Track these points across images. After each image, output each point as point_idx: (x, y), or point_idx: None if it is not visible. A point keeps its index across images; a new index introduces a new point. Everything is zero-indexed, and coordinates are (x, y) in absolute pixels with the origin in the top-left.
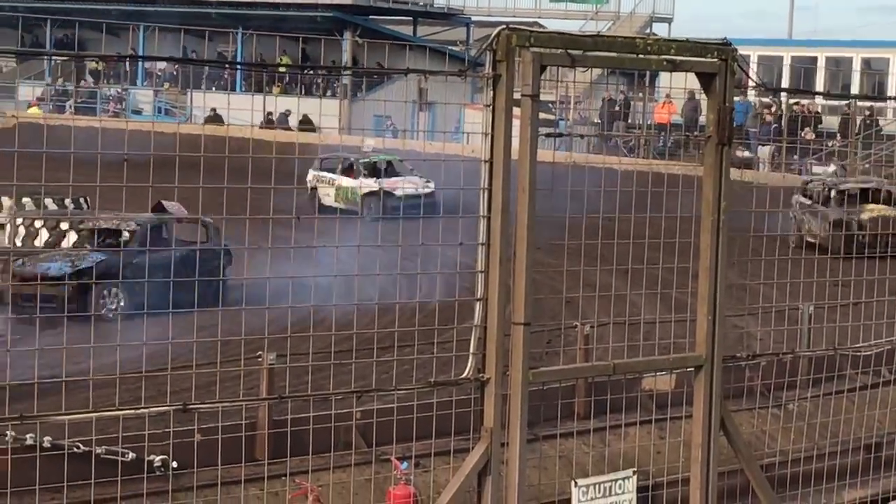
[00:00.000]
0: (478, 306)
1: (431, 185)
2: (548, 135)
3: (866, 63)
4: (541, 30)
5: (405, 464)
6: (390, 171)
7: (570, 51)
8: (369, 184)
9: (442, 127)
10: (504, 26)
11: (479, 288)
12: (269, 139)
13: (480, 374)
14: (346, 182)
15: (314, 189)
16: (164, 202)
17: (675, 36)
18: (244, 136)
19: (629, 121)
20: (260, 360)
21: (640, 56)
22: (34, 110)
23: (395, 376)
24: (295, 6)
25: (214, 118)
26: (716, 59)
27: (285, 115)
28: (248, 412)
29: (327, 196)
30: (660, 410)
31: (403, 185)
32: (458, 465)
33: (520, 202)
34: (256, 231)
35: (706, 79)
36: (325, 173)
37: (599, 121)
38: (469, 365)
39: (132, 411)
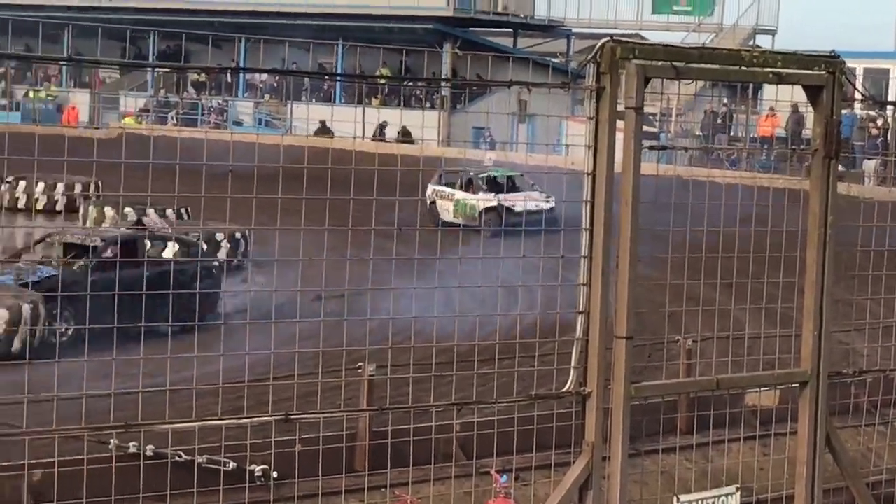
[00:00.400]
0: (579, 319)
1: (552, 200)
2: (651, 147)
3: None
4: (644, 42)
5: (505, 477)
6: (511, 186)
7: (674, 63)
8: (488, 199)
9: (542, 139)
10: (608, 38)
11: (581, 301)
12: (371, 151)
13: (582, 388)
14: (465, 197)
15: (433, 203)
16: (144, 218)
17: (779, 48)
18: (345, 148)
19: (731, 133)
20: (360, 371)
21: (746, 69)
22: (129, 120)
23: (495, 389)
24: (396, 18)
25: (323, 130)
26: (823, 72)
27: (382, 126)
28: (348, 423)
29: (446, 211)
30: (763, 426)
31: (523, 201)
32: (559, 479)
33: (623, 215)
34: (361, 244)
35: (813, 91)
36: (444, 188)
37: (701, 133)
38: (570, 378)
39: (235, 421)
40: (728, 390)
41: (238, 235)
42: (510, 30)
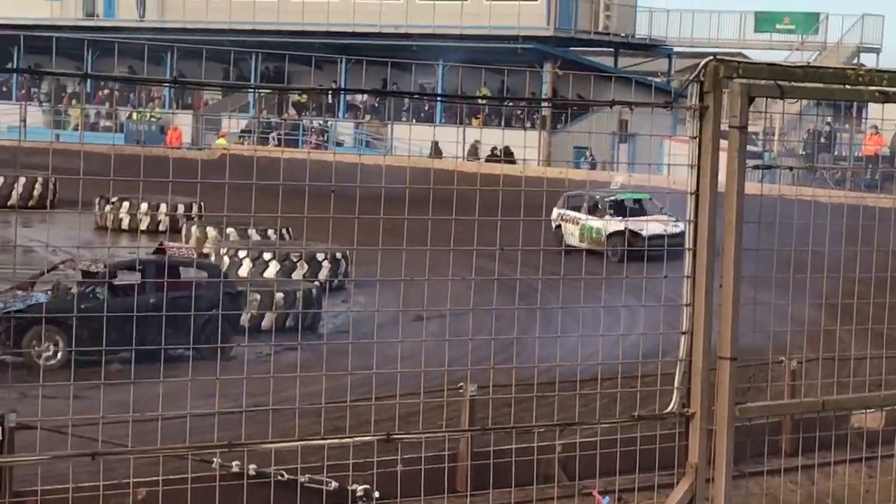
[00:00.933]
0: (682, 339)
1: (681, 225)
2: (755, 167)
3: None
4: (748, 60)
5: (606, 498)
6: (639, 210)
7: (779, 82)
8: (615, 223)
9: (643, 159)
10: (711, 57)
11: (684, 321)
12: (472, 171)
13: (685, 409)
14: (591, 221)
15: (559, 227)
16: (165, 243)
17: (883, 67)
18: (445, 168)
19: (835, 152)
20: (461, 391)
21: (851, 87)
22: (221, 141)
23: (598, 409)
24: (496, 38)
25: (436, 151)
26: None
27: (474, 146)
28: (449, 443)
29: (572, 236)
30: (869, 449)
31: (650, 225)
32: (661, 500)
33: (727, 235)
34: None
35: None
36: (569, 212)
37: (804, 152)
38: (674, 399)
39: (337, 440)
40: (834, 412)
41: (339, 255)
42: (611, 49)
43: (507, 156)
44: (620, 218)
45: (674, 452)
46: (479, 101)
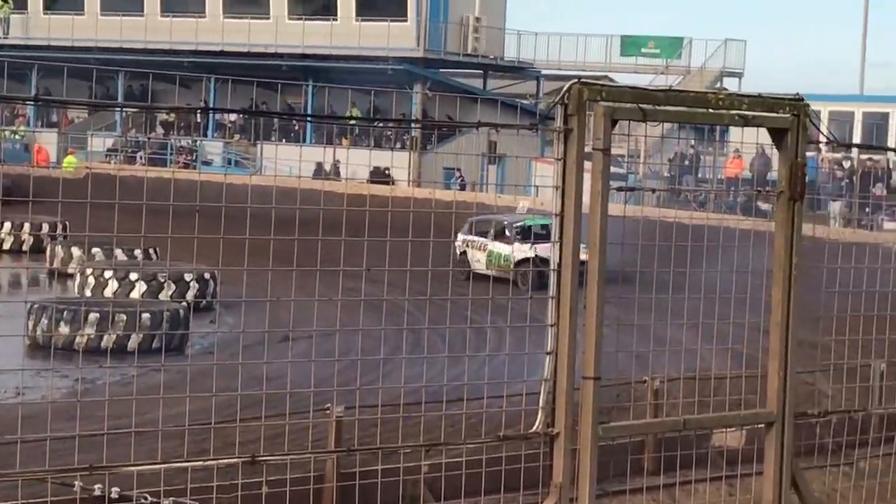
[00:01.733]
0: (547, 359)
1: None
2: (619, 189)
3: None
4: (612, 84)
5: None
6: (546, 235)
7: (641, 105)
8: (524, 250)
9: (511, 180)
10: (576, 80)
11: (549, 341)
12: (340, 191)
13: (550, 429)
14: (498, 247)
15: (464, 254)
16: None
17: (746, 91)
18: (315, 188)
19: (699, 175)
20: (328, 412)
21: (712, 111)
22: (71, 159)
23: (463, 429)
24: (366, 59)
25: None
26: (788, 115)
27: (335, 165)
28: (315, 465)
29: (478, 262)
30: (729, 467)
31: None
32: None
33: (590, 256)
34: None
35: (778, 134)
36: (475, 237)
37: (669, 174)
38: (538, 419)
39: (201, 463)
40: (695, 431)
41: (206, 276)
42: (480, 71)
43: (384, 177)
44: (530, 244)
45: (539, 472)
46: (350, 121)
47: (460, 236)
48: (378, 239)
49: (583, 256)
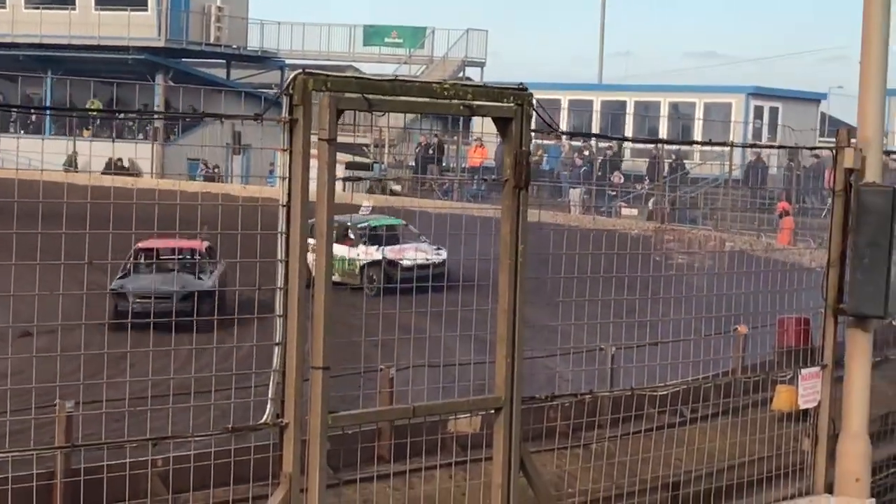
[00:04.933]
0: (276, 350)
1: (443, 253)
2: (345, 179)
3: (674, 107)
4: (339, 74)
5: None
6: (393, 237)
7: (367, 95)
8: (371, 253)
9: (257, 170)
10: (300, 70)
11: (278, 332)
12: (83, 184)
13: (279, 419)
14: (342, 251)
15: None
16: None
17: (485, 80)
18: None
19: (444, 164)
20: (56, 407)
21: (438, 101)
22: None
23: (191, 423)
24: (106, 49)
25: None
26: (512, 104)
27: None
28: (46, 462)
29: None
30: (465, 452)
31: (410, 254)
32: None
33: (318, 246)
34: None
35: (503, 123)
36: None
37: (413, 163)
38: (268, 410)
39: None
40: (425, 417)
41: None
42: (223, 60)
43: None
44: (377, 247)
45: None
46: (91, 113)
47: None
48: (103, 231)
49: (434, 257)
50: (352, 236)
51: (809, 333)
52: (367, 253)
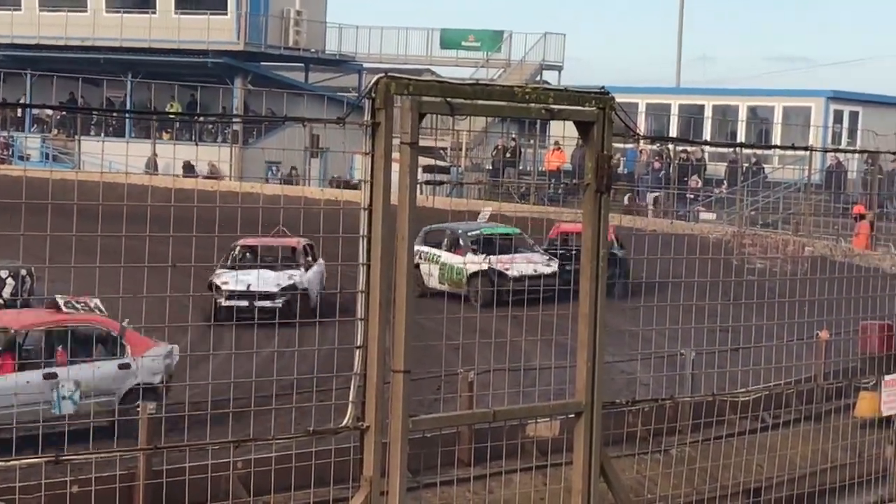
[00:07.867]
0: (357, 354)
1: (554, 264)
2: (427, 182)
3: (752, 111)
4: (420, 77)
5: None
6: (508, 246)
7: (448, 99)
8: (477, 262)
9: (335, 173)
10: (383, 74)
11: (359, 336)
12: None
13: (360, 423)
14: (451, 259)
15: (417, 266)
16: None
17: (563, 84)
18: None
19: (520, 167)
20: (139, 410)
21: (519, 105)
22: None
23: (272, 425)
24: (185, 52)
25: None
26: (594, 108)
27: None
28: (128, 463)
29: (431, 276)
30: (544, 457)
31: (519, 265)
32: None
33: (399, 249)
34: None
35: (584, 127)
36: (428, 248)
37: (491, 167)
38: (349, 413)
39: (3, 463)
40: (505, 422)
41: (24, 272)
42: (301, 64)
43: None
44: (484, 255)
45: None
46: (170, 116)
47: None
48: (185, 234)
49: (544, 268)
50: (462, 244)
51: (893, 339)
52: (474, 262)
